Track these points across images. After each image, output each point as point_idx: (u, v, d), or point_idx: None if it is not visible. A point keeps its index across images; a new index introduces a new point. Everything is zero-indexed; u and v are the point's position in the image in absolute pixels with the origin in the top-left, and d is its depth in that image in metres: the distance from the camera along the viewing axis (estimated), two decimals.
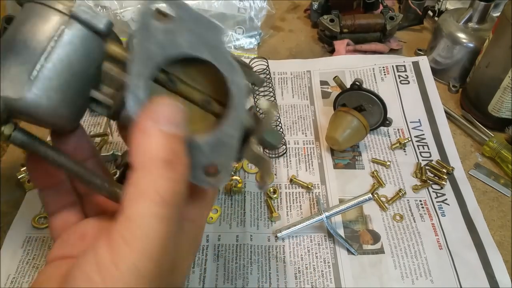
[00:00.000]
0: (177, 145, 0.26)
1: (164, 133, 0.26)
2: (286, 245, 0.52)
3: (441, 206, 0.56)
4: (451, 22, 0.72)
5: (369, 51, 0.79)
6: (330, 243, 0.53)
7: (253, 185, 0.58)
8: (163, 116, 0.26)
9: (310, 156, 0.62)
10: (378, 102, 0.60)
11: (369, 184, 0.59)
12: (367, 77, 0.73)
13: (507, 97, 0.61)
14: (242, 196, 0.57)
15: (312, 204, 0.57)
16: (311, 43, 0.84)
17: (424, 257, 0.51)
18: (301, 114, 0.68)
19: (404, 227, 0.54)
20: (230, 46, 0.80)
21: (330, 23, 0.78)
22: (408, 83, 0.72)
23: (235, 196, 0.57)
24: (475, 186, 0.59)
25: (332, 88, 0.72)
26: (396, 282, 0.49)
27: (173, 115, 0.26)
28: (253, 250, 0.52)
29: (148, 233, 0.24)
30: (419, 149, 0.63)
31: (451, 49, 0.71)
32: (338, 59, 0.77)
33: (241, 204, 0.56)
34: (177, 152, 0.26)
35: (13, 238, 0.53)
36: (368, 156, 0.62)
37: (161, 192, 0.24)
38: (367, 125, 0.59)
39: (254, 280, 0.49)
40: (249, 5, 0.78)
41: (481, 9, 0.69)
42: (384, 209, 0.56)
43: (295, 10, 0.93)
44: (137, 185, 0.25)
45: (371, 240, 0.53)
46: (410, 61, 0.75)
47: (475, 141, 0.65)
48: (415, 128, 0.66)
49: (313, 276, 0.50)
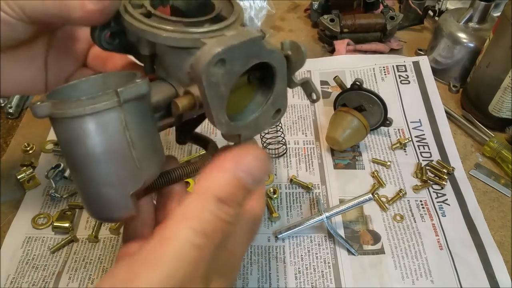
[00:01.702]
0: (239, 192, 0.27)
1: (235, 178, 0.27)
2: (286, 246, 0.52)
3: (442, 206, 0.56)
4: (452, 22, 0.71)
5: (369, 51, 0.79)
6: (330, 243, 0.52)
7: None
8: (246, 165, 0.27)
9: (310, 156, 0.62)
10: (379, 102, 0.60)
11: (369, 184, 0.59)
12: (368, 77, 0.73)
13: (508, 97, 0.61)
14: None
15: (312, 204, 0.56)
16: (311, 43, 0.84)
17: (425, 257, 0.51)
18: (301, 114, 0.68)
19: (405, 227, 0.54)
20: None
21: (330, 23, 0.78)
22: (408, 83, 0.72)
23: None
24: (475, 186, 0.59)
25: (332, 88, 0.72)
26: (397, 283, 0.49)
27: (255, 169, 0.28)
28: (253, 250, 0.52)
29: (179, 256, 0.25)
30: (420, 149, 0.63)
31: (451, 49, 0.71)
32: (338, 59, 0.77)
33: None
34: (234, 197, 0.27)
35: (13, 238, 0.53)
36: (368, 156, 0.62)
37: (203, 222, 0.26)
38: (367, 125, 0.59)
39: (254, 281, 0.49)
40: (249, 5, 0.78)
41: (481, 9, 0.68)
42: (384, 209, 0.55)
43: (295, 10, 0.93)
44: (185, 208, 0.27)
45: (372, 241, 0.53)
46: (410, 61, 0.75)
47: (475, 141, 0.65)
48: (415, 128, 0.66)
49: (313, 276, 0.50)
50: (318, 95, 0.34)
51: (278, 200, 0.57)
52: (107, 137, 0.28)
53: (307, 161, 0.62)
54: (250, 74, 0.32)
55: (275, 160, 0.62)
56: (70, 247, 0.53)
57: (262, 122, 0.33)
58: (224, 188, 0.27)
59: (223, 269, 0.31)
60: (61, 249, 0.52)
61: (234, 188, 0.27)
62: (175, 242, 0.25)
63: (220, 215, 0.27)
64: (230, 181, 0.27)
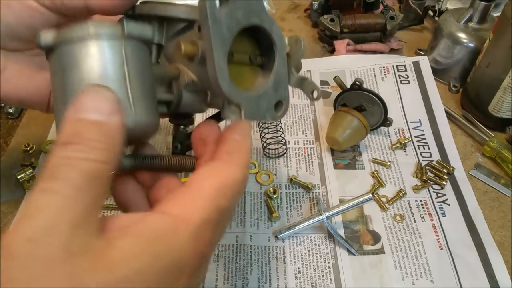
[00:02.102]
0: (81, 128, 0.25)
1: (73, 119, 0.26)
2: (286, 246, 0.52)
3: (442, 206, 0.56)
4: (452, 22, 0.71)
5: (369, 51, 0.79)
6: (330, 243, 0.52)
7: (253, 185, 0.58)
8: (86, 106, 0.26)
9: (310, 156, 0.62)
10: (379, 102, 0.60)
11: (369, 184, 0.59)
12: (368, 77, 0.73)
13: (508, 97, 0.61)
14: (242, 197, 0.57)
15: (312, 204, 0.56)
16: (311, 43, 0.84)
17: (425, 258, 0.51)
18: (301, 114, 0.68)
19: (405, 227, 0.54)
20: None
21: (330, 23, 0.78)
22: (408, 83, 0.72)
23: None
24: (475, 186, 0.59)
25: (333, 88, 0.72)
26: (397, 283, 0.49)
27: (97, 105, 0.26)
28: (253, 250, 0.52)
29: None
30: (420, 149, 0.63)
31: (451, 49, 0.71)
32: (338, 59, 0.77)
33: (241, 204, 0.56)
34: (78, 134, 0.25)
35: None
36: (368, 156, 0.62)
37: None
38: (367, 125, 0.59)
39: (254, 281, 0.49)
40: None
41: (481, 9, 0.68)
42: (384, 209, 0.55)
43: (295, 10, 0.93)
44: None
45: (372, 241, 0.53)
46: (410, 61, 0.75)
47: (475, 141, 0.65)
48: (415, 128, 0.66)
49: (313, 276, 0.50)
50: (319, 92, 0.35)
51: (278, 200, 0.57)
52: (105, 63, 0.28)
53: (307, 161, 0.62)
54: (251, 56, 0.34)
55: (275, 160, 0.62)
56: None
57: (264, 106, 0.33)
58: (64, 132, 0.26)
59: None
60: None
61: (73, 127, 0.26)
62: None
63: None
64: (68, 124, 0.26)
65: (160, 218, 0.25)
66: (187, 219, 0.26)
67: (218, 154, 0.30)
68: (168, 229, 0.25)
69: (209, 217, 0.26)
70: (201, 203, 0.26)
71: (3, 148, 0.64)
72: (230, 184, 0.28)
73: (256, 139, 0.64)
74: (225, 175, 0.28)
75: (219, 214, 0.27)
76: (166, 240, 0.24)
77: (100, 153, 0.24)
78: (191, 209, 0.26)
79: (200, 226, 0.26)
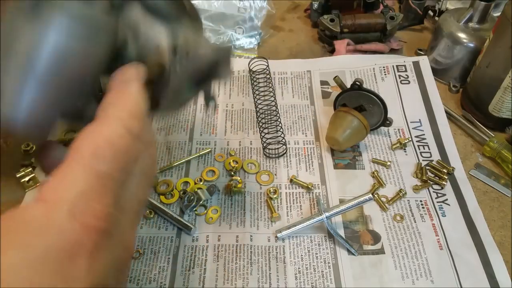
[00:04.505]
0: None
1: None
2: (286, 246, 0.52)
3: (442, 206, 0.56)
4: (452, 22, 0.71)
5: (369, 51, 0.79)
6: (330, 243, 0.52)
7: (253, 185, 0.58)
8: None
9: (310, 156, 0.62)
10: (379, 102, 0.60)
11: (369, 184, 0.59)
12: (368, 77, 0.73)
13: (508, 97, 0.61)
14: (242, 197, 0.57)
15: (312, 204, 0.56)
16: (311, 43, 0.84)
17: (425, 258, 0.51)
18: (301, 114, 0.68)
19: (405, 228, 0.54)
20: (231, 46, 0.80)
21: (330, 23, 0.78)
22: (408, 83, 0.72)
23: (235, 196, 0.57)
24: (475, 186, 0.59)
25: (332, 88, 0.72)
26: (397, 283, 0.49)
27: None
28: (253, 250, 0.52)
29: None
30: (420, 149, 0.63)
31: (451, 49, 0.71)
32: (338, 59, 0.77)
33: (241, 204, 0.56)
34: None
35: None
36: (368, 156, 0.62)
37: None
38: (367, 125, 0.59)
39: (254, 281, 0.49)
40: (249, 5, 0.78)
41: (481, 9, 0.68)
42: (384, 210, 0.55)
43: (295, 10, 0.92)
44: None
45: (372, 241, 0.53)
46: (410, 61, 0.74)
47: (475, 141, 0.65)
48: (415, 128, 0.66)
49: (313, 276, 0.50)
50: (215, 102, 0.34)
51: (278, 200, 0.57)
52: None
53: (307, 161, 0.61)
54: None
55: (275, 160, 0.62)
56: None
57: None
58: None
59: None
60: None
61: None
62: None
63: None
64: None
65: (34, 208, 0.24)
66: (59, 199, 0.24)
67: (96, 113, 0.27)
68: (41, 217, 0.23)
69: (88, 188, 0.24)
70: (73, 177, 0.24)
71: (3, 148, 0.64)
72: (104, 144, 0.25)
73: (256, 139, 0.64)
74: (96, 135, 0.26)
75: (102, 179, 0.25)
76: (40, 229, 0.23)
77: None
78: (63, 188, 0.24)
79: (76, 201, 0.24)
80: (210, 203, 0.56)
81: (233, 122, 0.67)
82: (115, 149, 0.26)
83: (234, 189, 0.57)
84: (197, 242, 0.52)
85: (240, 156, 0.62)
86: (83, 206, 0.24)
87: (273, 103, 0.68)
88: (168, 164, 0.61)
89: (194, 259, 0.51)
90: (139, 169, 0.29)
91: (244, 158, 0.61)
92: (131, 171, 0.28)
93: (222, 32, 0.80)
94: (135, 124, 0.27)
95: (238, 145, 0.63)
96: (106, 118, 0.27)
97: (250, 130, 0.65)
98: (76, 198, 0.24)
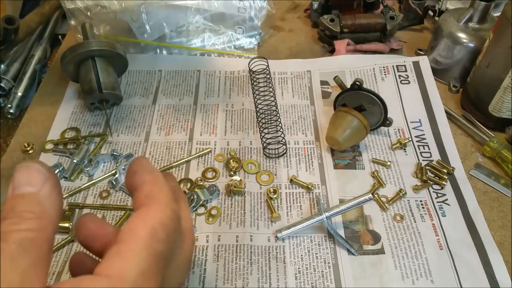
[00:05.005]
0: (14, 202, 0.27)
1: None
2: (286, 246, 0.52)
3: (442, 206, 0.56)
4: (452, 22, 0.71)
5: (369, 51, 0.79)
6: (330, 243, 0.52)
7: (253, 185, 0.58)
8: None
9: (310, 156, 0.62)
10: (379, 102, 0.60)
11: (369, 184, 0.59)
12: (367, 77, 0.73)
13: (508, 97, 0.61)
14: (242, 197, 0.57)
15: (312, 204, 0.56)
16: (311, 43, 0.84)
17: (425, 258, 0.51)
18: (301, 114, 0.68)
19: (405, 228, 0.54)
20: (230, 46, 0.80)
21: (330, 23, 0.78)
22: (408, 83, 0.72)
23: (235, 196, 0.57)
24: (475, 186, 0.59)
25: (332, 88, 0.72)
26: (397, 283, 0.49)
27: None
28: (253, 250, 0.52)
29: None
30: (420, 149, 0.63)
31: (451, 49, 0.71)
32: (338, 59, 0.77)
33: (241, 204, 0.56)
34: (12, 208, 0.27)
35: None
36: (368, 156, 0.62)
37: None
38: (367, 125, 0.59)
39: (254, 281, 0.49)
40: (249, 5, 0.78)
41: (481, 9, 0.68)
42: (384, 210, 0.55)
43: (295, 10, 0.92)
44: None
45: (372, 241, 0.53)
46: (410, 61, 0.75)
47: (475, 141, 0.65)
48: (415, 128, 0.66)
49: (313, 276, 0.50)
50: None
51: (278, 200, 0.57)
52: None
53: (307, 161, 0.61)
54: None
55: (275, 160, 0.62)
56: (70, 247, 0.52)
57: None
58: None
59: None
60: (61, 249, 0.52)
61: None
62: None
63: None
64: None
65: (94, 281, 0.25)
66: (122, 276, 0.25)
67: (138, 202, 0.30)
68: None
69: (147, 267, 0.26)
70: (134, 256, 0.26)
71: (3, 148, 0.64)
72: (159, 226, 0.28)
73: (256, 139, 0.64)
74: (151, 219, 0.28)
75: (158, 259, 0.27)
76: None
77: (32, 222, 0.26)
78: (125, 265, 0.26)
79: (137, 279, 0.26)
80: (210, 203, 0.56)
81: (233, 122, 0.67)
82: (167, 230, 0.29)
83: (234, 189, 0.57)
84: (197, 242, 0.52)
85: (240, 156, 0.62)
86: (141, 284, 0.26)
87: (273, 103, 0.68)
88: (168, 164, 0.61)
89: (194, 259, 0.51)
90: (180, 253, 0.32)
91: (244, 158, 0.61)
92: (175, 253, 0.31)
93: (222, 32, 0.80)
94: (174, 204, 0.31)
95: (238, 145, 0.63)
96: (154, 204, 0.30)
97: (250, 130, 0.65)
98: (138, 276, 0.26)
